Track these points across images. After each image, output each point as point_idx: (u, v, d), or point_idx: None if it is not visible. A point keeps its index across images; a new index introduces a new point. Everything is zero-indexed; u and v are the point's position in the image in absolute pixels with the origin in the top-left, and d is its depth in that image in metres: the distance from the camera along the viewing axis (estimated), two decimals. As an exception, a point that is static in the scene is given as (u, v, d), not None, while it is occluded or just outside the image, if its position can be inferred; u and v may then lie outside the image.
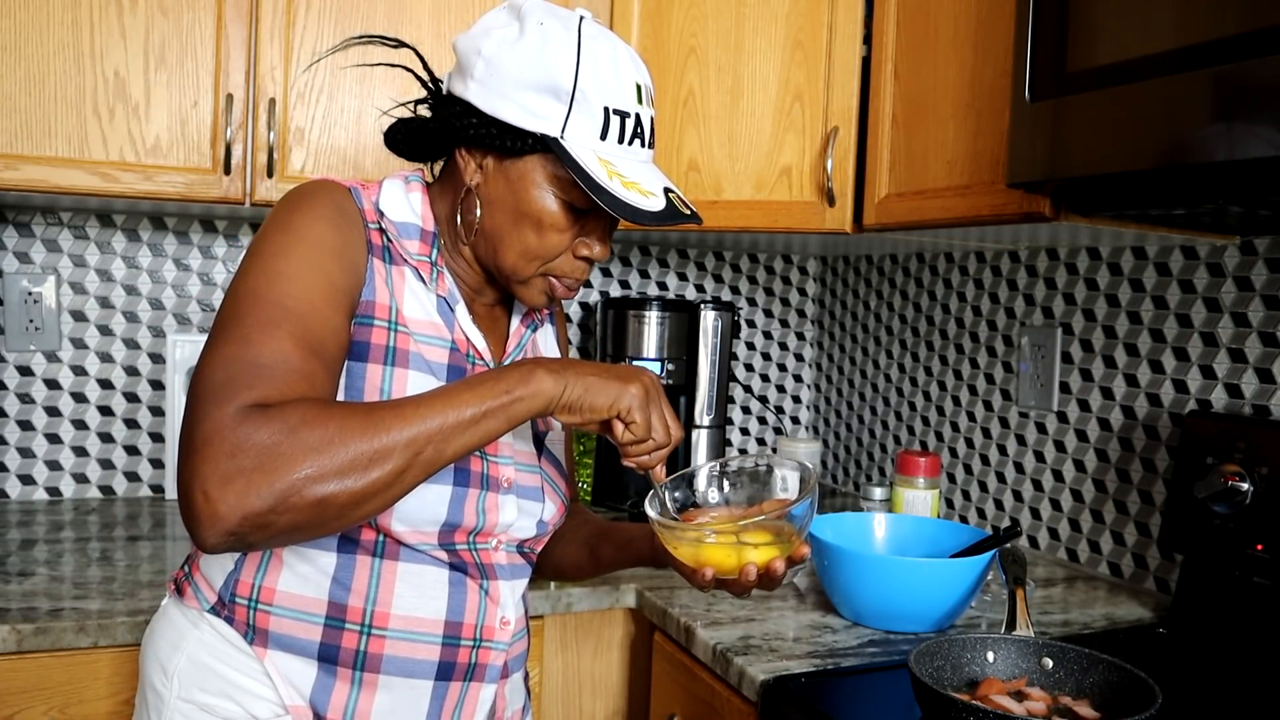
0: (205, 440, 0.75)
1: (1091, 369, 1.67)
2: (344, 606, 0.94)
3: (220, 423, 0.76)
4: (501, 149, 0.94)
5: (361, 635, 0.94)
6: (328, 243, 0.91)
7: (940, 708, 0.95)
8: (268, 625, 0.94)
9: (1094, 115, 1.08)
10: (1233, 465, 1.31)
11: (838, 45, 1.64)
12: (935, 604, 1.29)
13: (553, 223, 0.96)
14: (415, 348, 0.96)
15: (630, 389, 0.90)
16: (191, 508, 0.74)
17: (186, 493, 0.75)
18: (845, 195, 1.64)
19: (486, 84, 0.93)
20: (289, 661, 0.94)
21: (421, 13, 1.67)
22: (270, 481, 0.75)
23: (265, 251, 0.88)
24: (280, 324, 0.83)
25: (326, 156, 1.63)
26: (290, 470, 0.75)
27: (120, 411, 1.92)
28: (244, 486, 0.74)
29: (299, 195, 0.94)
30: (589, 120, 0.93)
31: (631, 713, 1.56)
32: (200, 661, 0.95)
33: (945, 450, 2.00)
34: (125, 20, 1.52)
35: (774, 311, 2.44)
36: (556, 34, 0.93)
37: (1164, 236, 1.45)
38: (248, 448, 0.75)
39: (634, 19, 1.75)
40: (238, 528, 0.74)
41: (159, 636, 0.99)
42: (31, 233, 1.85)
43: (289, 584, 0.94)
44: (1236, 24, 0.94)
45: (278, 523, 0.75)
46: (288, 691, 0.94)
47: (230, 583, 0.95)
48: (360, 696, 0.95)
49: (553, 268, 0.99)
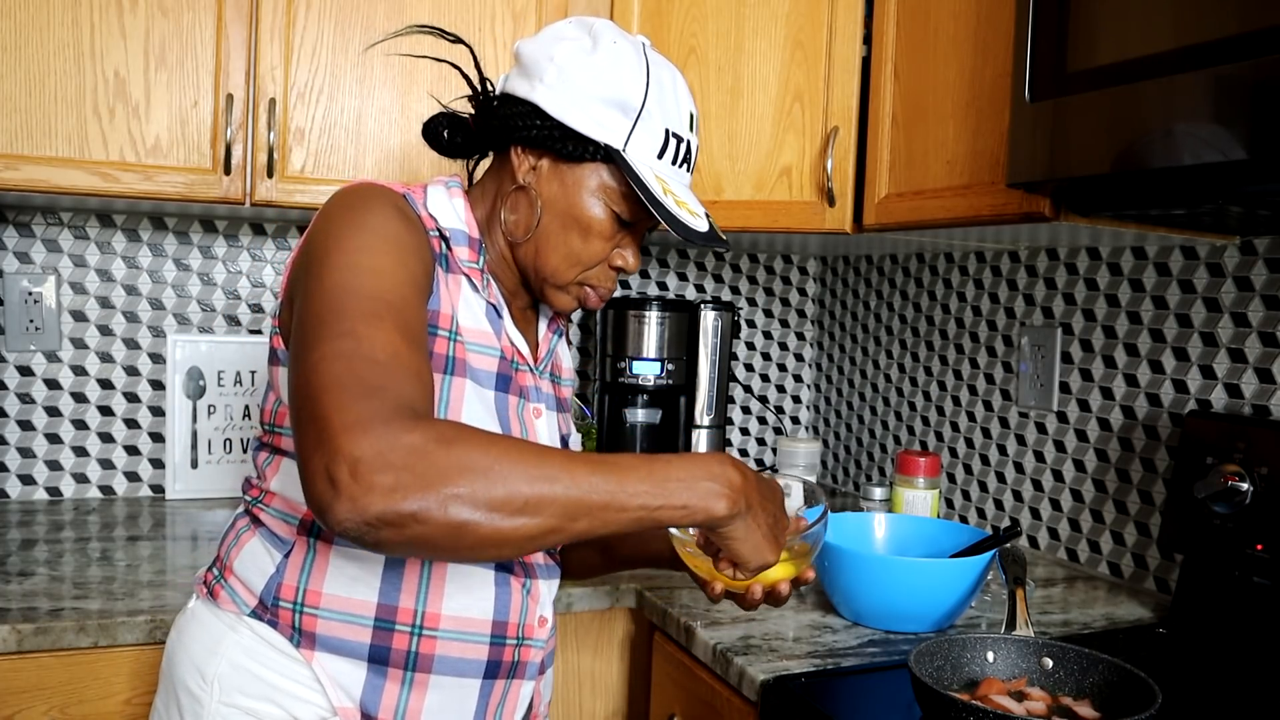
0: (350, 428, 0.71)
1: (1091, 369, 1.67)
2: (394, 608, 0.94)
3: (365, 415, 0.71)
4: (562, 153, 0.98)
5: (412, 636, 0.95)
6: (407, 242, 0.89)
7: (940, 708, 0.95)
8: (315, 628, 0.94)
9: (1094, 115, 1.08)
10: (1233, 465, 1.31)
11: (838, 45, 1.64)
12: (935, 604, 1.29)
13: (599, 230, 1.00)
14: (469, 357, 0.97)
15: (774, 559, 0.88)
16: (336, 483, 0.69)
17: (329, 468, 0.70)
18: (845, 195, 1.64)
19: (557, 89, 0.97)
20: (337, 664, 0.94)
21: (421, 13, 1.67)
22: (420, 487, 0.70)
23: (347, 247, 0.85)
24: (383, 317, 0.80)
25: (326, 156, 1.63)
26: (441, 483, 0.71)
27: (120, 411, 1.92)
28: (393, 482, 0.69)
29: (361, 195, 0.92)
30: (650, 138, 0.99)
31: (631, 713, 1.56)
32: (240, 665, 0.94)
33: (945, 450, 2.00)
34: (125, 20, 1.52)
35: (774, 311, 2.44)
36: (628, 54, 0.99)
37: (1164, 236, 1.45)
38: (399, 446, 0.70)
39: (634, 19, 1.75)
40: (376, 520, 0.69)
41: (191, 640, 0.98)
42: (32, 233, 1.85)
43: (336, 586, 0.94)
44: (1236, 24, 0.94)
45: (410, 530, 0.70)
46: (336, 694, 0.94)
47: (272, 586, 0.95)
48: (411, 697, 0.95)
49: (589, 276, 1.03)
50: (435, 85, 1.67)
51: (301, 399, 0.75)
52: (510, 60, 1.71)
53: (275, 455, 0.99)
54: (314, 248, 0.88)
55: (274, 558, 0.96)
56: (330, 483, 0.70)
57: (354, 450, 0.70)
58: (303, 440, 0.73)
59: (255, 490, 1.02)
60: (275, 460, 0.99)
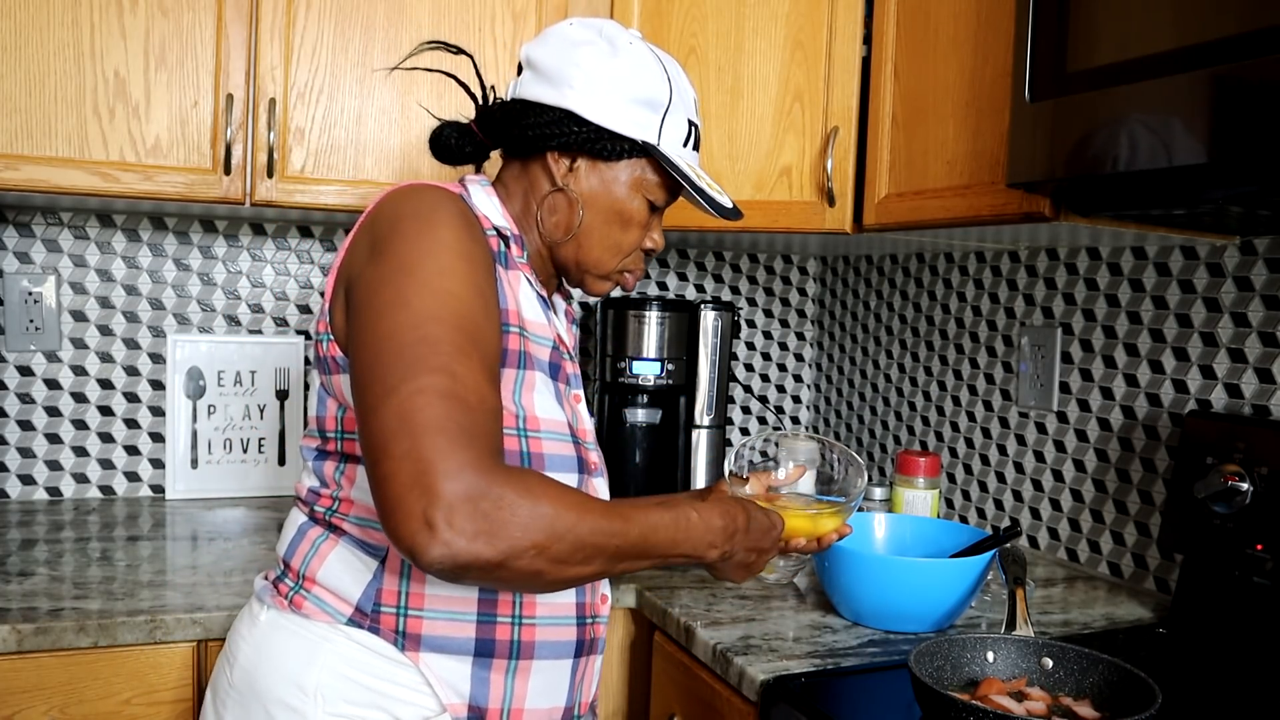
0: (450, 475, 0.77)
1: (1091, 369, 1.67)
2: (494, 601, 0.98)
3: (464, 463, 0.78)
4: (600, 153, 1.04)
5: (513, 626, 0.99)
6: (478, 258, 0.92)
7: (940, 708, 0.95)
8: (420, 629, 0.96)
9: (1094, 115, 1.08)
10: (1233, 465, 1.31)
11: (838, 45, 1.64)
12: (935, 604, 1.29)
13: (638, 220, 1.08)
14: (534, 349, 1.01)
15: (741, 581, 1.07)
16: (433, 527, 0.76)
17: (426, 512, 0.76)
18: (845, 195, 1.64)
19: (589, 94, 1.03)
20: (443, 662, 0.96)
21: (421, 12, 1.67)
22: (506, 539, 0.78)
23: (429, 268, 0.87)
24: (471, 354, 0.85)
25: (326, 156, 1.63)
26: (524, 537, 0.79)
27: (120, 411, 1.92)
28: (484, 529, 0.77)
29: (429, 204, 0.93)
30: (676, 130, 1.07)
31: (631, 713, 1.56)
32: (341, 674, 0.95)
33: (945, 450, 2.00)
34: (125, 20, 1.52)
35: (774, 311, 2.44)
36: (645, 54, 1.06)
37: (1164, 236, 1.45)
38: (490, 495, 0.78)
39: (634, 19, 1.75)
40: (466, 564, 0.77)
41: (279, 653, 0.97)
42: (32, 233, 1.85)
43: (438, 587, 0.96)
44: (1236, 24, 0.94)
45: (492, 575, 0.79)
46: (445, 692, 0.96)
47: (371, 593, 0.96)
48: (516, 684, 0.99)
49: (626, 262, 1.11)
50: (435, 85, 1.67)
51: (395, 433, 0.79)
52: (510, 60, 1.71)
53: (348, 462, 1.00)
54: (389, 260, 0.88)
55: (368, 565, 0.97)
56: (427, 525, 0.76)
57: (452, 498, 0.76)
58: (395, 474, 0.78)
59: (326, 499, 1.01)
60: (350, 467, 1.00)
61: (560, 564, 0.82)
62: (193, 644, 1.29)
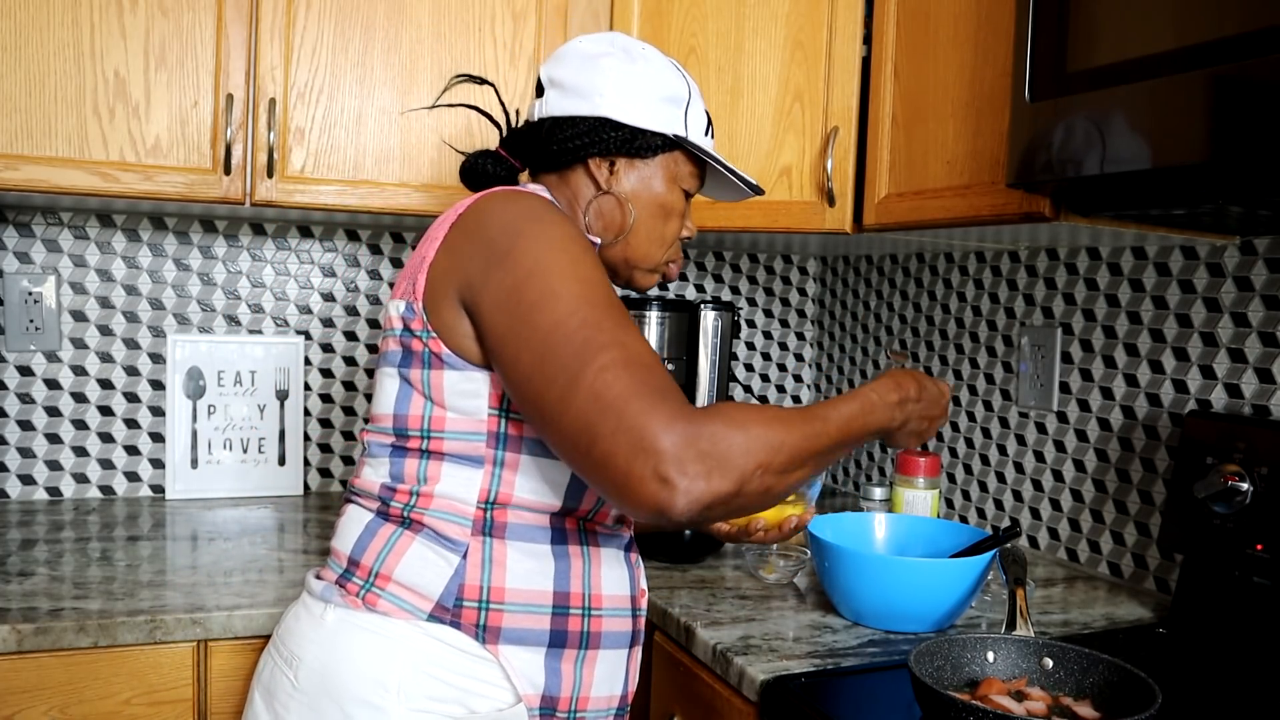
0: (663, 430, 0.82)
1: (1091, 369, 1.67)
2: (567, 594, 1.03)
3: (670, 416, 0.83)
4: (638, 151, 1.11)
5: (584, 617, 1.04)
6: (590, 247, 0.98)
7: (940, 708, 0.95)
8: (500, 623, 0.99)
9: (1094, 115, 1.08)
10: (1232, 465, 1.31)
11: (838, 45, 1.64)
12: (935, 604, 1.29)
13: (678, 209, 1.15)
14: None
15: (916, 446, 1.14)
16: (669, 481, 0.81)
17: (658, 469, 0.81)
18: (845, 195, 1.64)
19: (620, 100, 1.09)
20: (521, 654, 0.99)
21: (421, 12, 1.67)
22: (734, 468, 0.84)
23: (564, 261, 0.93)
24: (627, 323, 0.91)
25: (326, 156, 1.64)
26: (749, 461, 0.85)
27: (120, 411, 1.92)
28: (712, 468, 0.83)
29: (538, 206, 0.98)
30: (697, 121, 1.15)
31: (632, 713, 1.56)
32: (422, 669, 0.96)
33: (945, 450, 2.00)
34: (125, 20, 1.52)
35: (774, 311, 2.44)
36: (656, 55, 1.13)
37: (1164, 236, 1.45)
38: (704, 436, 0.83)
39: (634, 19, 1.75)
40: (710, 503, 0.83)
41: (356, 651, 0.98)
42: (31, 233, 1.85)
43: (518, 580, 1.00)
44: (1236, 24, 0.94)
45: (733, 504, 0.85)
46: (521, 683, 1.00)
47: (453, 588, 0.98)
48: (584, 673, 1.04)
49: (670, 253, 1.17)
50: (436, 85, 1.67)
51: (599, 414, 0.84)
52: (511, 60, 1.71)
53: (432, 459, 1.01)
54: (523, 263, 0.93)
55: (449, 560, 0.99)
56: (663, 482, 0.82)
57: (674, 449, 0.82)
58: (613, 450, 0.83)
59: (403, 494, 1.02)
60: (435, 464, 1.01)
61: (783, 474, 0.88)
62: (193, 644, 1.29)
